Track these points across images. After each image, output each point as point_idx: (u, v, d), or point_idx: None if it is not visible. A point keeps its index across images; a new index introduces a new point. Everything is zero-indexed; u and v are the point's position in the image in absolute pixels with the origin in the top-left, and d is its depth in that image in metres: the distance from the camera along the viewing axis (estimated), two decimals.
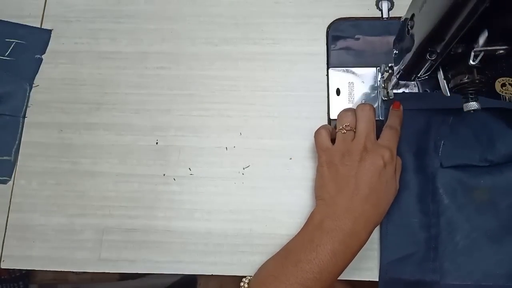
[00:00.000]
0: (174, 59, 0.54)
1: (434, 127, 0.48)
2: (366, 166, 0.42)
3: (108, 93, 0.53)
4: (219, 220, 0.48)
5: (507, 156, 0.46)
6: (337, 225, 0.40)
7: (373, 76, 0.52)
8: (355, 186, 0.41)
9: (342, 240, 0.40)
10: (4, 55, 0.54)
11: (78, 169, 0.50)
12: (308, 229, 0.42)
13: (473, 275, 0.44)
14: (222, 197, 0.49)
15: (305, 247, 0.40)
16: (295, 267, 0.39)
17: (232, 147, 0.51)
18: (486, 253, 0.44)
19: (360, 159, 0.42)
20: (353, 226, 0.40)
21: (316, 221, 0.42)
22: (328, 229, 0.40)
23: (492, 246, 0.44)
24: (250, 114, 0.52)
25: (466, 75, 0.37)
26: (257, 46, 0.54)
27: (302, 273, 0.38)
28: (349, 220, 0.40)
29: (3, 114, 0.52)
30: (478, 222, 0.45)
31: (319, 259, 0.39)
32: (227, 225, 0.48)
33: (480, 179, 0.46)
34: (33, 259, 0.48)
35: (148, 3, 0.57)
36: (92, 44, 0.55)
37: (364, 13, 0.54)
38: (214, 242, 0.48)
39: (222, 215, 0.49)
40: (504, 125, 0.47)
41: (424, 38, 0.36)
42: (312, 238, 0.40)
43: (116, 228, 0.48)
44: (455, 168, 0.46)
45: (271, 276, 0.40)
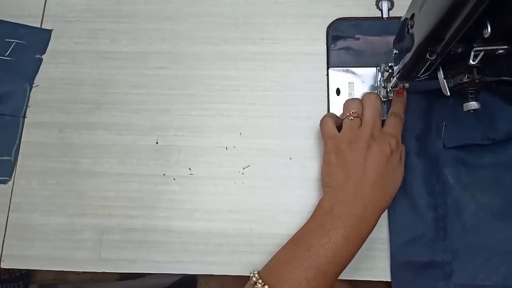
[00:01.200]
0: (174, 59, 0.54)
1: (435, 110, 0.49)
2: (374, 153, 0.42)
3: (108, 93, 0.53)
4: (219, 220, 0.48)
5: (509, 133, 0.46)
6: (347, 210, 0.40)
7: (373, 76, 0.52)
8: (363, 172, 0.42)
9: (353, 225, 0.40)
10: (4, 55, 0.54)
11: (78, 169, 0.50)
12: (318, 216, 0.42)
13: (481, 253, 0.44)
14: (222, 197, 0.49)
15: (316, 233, 0.40)
16: (308, 251, 0.39)
17: (232, 147, 0.51)
18: (493, 231, 0.44)
19: (367, 146, 0.42)
20: (362, 211, 0.40)
21: (325, 208, 0.42)
22: (339, 214, 0.40)
23: (499, 223, 0.45)
24: (250, 114, 0.52)
25: (466, 74, 0.37)
26: (257, 46, 0.54)
27: (316, 257, 0.38)
28: (359, 205, 0.40)
29: (3, 114, 0.52)
30: (483, 201, 0.45)
31: (332, 243, 0.39)
32: (227, 225, 0.48)
33: (484, 157, 0.46)
34: (33, 259, 0.48)
35: (148, 3, 0.57)
36: (92, 44, 0.55)
37: (364, 13, 0.54)
38: (214, 242, 0.48)
39: (222, 215, 0.49)
40: (503, 103, 0.47)
41: (424, 38, 0.36)
42: (324, 224, 0.40)
43: (116, 228, 0.48)
44: (458, 148, 0.47)
45: (283, 263, 0.40)
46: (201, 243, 0.48)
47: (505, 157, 0.46)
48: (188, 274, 0.47)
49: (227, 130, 0.51)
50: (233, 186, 0.49)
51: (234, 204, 0.49)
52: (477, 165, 0.46)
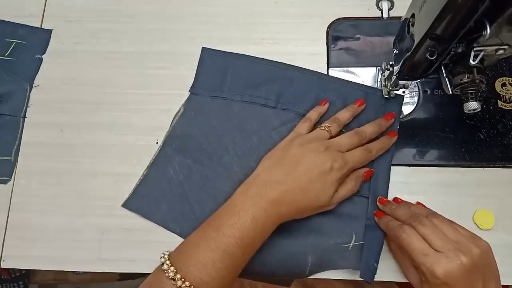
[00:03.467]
0: (174, 59, 0.54)
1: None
2: (315, 159, 0.42)
3: (108, 93, 0.53)
4: None
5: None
6: (262, 192, 0.41)
7: (373, 76, 0.52)
8: (295, 165, 0.42)
9: (263, 207, 0.40)
10: (4, 55, 0.54)
11: (78, 169, 0.50)
12: (235, 195, 0.43)
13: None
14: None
15: (227, 212, 0.41)
16: (217, 232, 0.39)
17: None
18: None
19: (316, 151, 0.43)
20: (277, 196, 0.41)
21: (242, 188, 0.43)
22: (252, 194, 0.41)
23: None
24: None
25: (466, 75, 0.37)
26: (257, 46, 0.54)
27: (224, 237, 0.39)
28: (275, 191, 0.41)
29: (3, 114, 0.52)
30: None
31: (240, 223, 0.39)
32: None
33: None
34: (33, 258, 0.48)
35: (148, 3, 0.57)
36: (92, 44, 0.55)
37: (364, 13, 0.54)
38: None
39: None
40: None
41: (424, 38, 0.36)
42: (236, 203, 0.41)
43: (116, 228, 0.48)
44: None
45: (192, 243, 0.40)
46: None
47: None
48: None
49: None
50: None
51: None
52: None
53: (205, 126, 0.50)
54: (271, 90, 0.51)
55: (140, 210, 0.48)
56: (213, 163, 0.49)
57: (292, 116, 0.50)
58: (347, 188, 0.45)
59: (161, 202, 0.48)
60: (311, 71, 0.52)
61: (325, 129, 0.46)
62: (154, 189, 0.49)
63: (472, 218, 0.46)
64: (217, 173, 0.49)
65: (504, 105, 0.50)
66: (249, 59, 0.53)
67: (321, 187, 0.42)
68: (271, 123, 0.50)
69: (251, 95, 0.51)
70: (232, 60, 0.53)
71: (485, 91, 0.50)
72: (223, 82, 0.52)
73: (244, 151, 0.49)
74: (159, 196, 0.48)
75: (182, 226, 0.47)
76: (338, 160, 0.43)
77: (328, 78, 0.52)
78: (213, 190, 0.48)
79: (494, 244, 0.45)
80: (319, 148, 0.43)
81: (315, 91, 0.51)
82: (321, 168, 0.42)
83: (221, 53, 0.53)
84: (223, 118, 0.50)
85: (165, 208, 0.48)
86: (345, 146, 0.45)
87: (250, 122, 0.50)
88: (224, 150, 0.49)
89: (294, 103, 0.50)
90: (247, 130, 0.50)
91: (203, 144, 0.50)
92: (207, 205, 0.47)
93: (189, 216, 0.48)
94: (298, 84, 0.51)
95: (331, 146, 0.44)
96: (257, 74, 0.52)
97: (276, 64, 0.52)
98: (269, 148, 0.47)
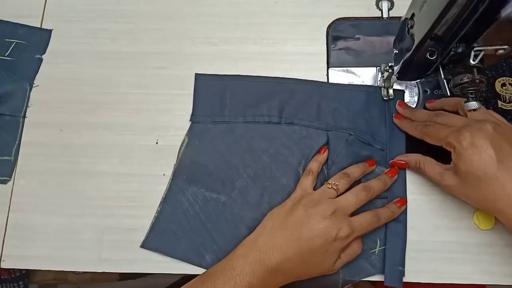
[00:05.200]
0: (174, 59, 0.54)
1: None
2: (320, 226, 0.40)
3: (108, 93, 0.53)
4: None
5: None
6: (262, 258, 0.40)
7: (373, 76, 0.52)
8: (298, 232, 0.41)
9: (261, 276, 0.39)
10: (4, 55, 0.54)
11: (78, 169, 0.50)
12: (233, 256, 0.41)
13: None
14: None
15: (224, 275, 0.39)
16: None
17: None
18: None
19: (321, 216, 0.41)
20: (277, 264, 0.40)
21: (242, 251, 0.41)
22: (252, 260, 0.40)
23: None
24: None
25: (466, 74, 0.37)
26: (257, 46, 0.54)
27: None
28: (275, 258, 0.40)
29: (3, 114, 0.52)
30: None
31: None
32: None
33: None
34: (33, 258, 0.48)
35: (148, 3, 0.57)
36: (92, 44, 0.55)
37: (364, 13, 0.54)
38: None
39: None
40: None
41: (424, 38, 0.36)
42: (234, 266, 0.40)
43: (116, 228, 0.48)
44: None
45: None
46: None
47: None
48: (188, 274, 0.47)
49: None
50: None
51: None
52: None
53: (212, 153, 0.49)
54: (273, 106, 0.50)
55: (161, 248, 0.47)
56: (227, 189, 0.48)
57: (297, 129, 0.49)
58: (350, 253, 0.43)
59: (181, 237, 0.47)
60: (308, 81, 0.51)
61: (332, 187, 0.44)
62: (171, 225, 0.48)
63: (472, 218, 0.46)
64: (233, 199, 0.48)
65: (504, 105, 0.50)
66: (245, 78, 0.52)
67: (322, 258, 0.41)
68: (278, 139, 0.49)
69: (253, 114, 0.50)
70: (228, 83, 0.52)
71: (485, 91, 0.50)
72: (223, 106, 0.51)
73: (256, 172, 0.48)
74: (178, 230, 0.47)
75: (206, 259, 0.46)
76: (344, 228, 0.41)
77: (326, 86, 0.51)
78: (232, 216, 0.47)
79: (494, 244, 0.46)
80: (325, 212, 0.41)
81: (316, 99, 0.50)
82: (325, 237, 0.40)
83: (215, 77, 0.52)
84: (229, 142, 0.50)
85: (186, 243, 0.47)
86: (352, 206, 0.43)
87: (257, 141, 0.49)
88: (236, 174, 0.49)
89: (297, 115, 0.50)
90: (255, 150, 0.49)
91: (214, 172, 0.49)
92: (228, 233, 0.47)
93: (212, 247, 0.47)
94: (297, 95, 0.51)
95: (337, 209, 0.42)
96: (255, 92, 0.51)
97: (273, 80, 0.52)
98: (280, 166, 0.48)
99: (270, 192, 0.48)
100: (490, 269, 0.45)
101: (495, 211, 0.40)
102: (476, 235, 0.46)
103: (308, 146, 0.49)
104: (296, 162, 0.48)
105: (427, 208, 0.47)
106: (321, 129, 0.49)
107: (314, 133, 0.49)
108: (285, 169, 0.48)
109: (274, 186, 0.48)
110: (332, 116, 0.50)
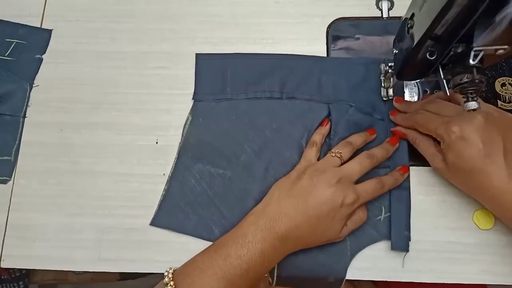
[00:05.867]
0: (174, 59, 0.54)
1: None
2: (326, 193, 0.41)
3: (108, 93, 0.53)
4: None
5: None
6: (272, 225, 0.40)
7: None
8: (305, 200, 0.41)
9: (272, 243, 0.40)
10: (4, 55, 0.54)
11: (78, 168, 0.50)
12: (244, 224, 0.42)
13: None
14: None
15: (237, 242, 0.40)
16: (224, 261, 0.39)
17: None
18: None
19: (327, 184, 0.41)
20: (286, 232, 0.40)
21: (252, 218, 0.42)
22: (263, 227, 0.40)
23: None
24: None
25: (466, 74, 0.37)
26: (257, 46, 0.54)
27: (230, 268, 0.38)
28: (284, 225, 0.40)
29: (3, 114, 0.52)
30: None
31: (248, 256, 0.39)
32: None
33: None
34: (33, 258, 0.48)
35: (148, 3, 0.57)
36: (92, 43, 0.55)
37: (364, 13, 0.54)
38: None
39: None
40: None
41: (424, 38, 0.36)
42: (246, 233, 0.40)
43: (116, 228, 0.48)
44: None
45: (198, 268, 0.39)
46: (201, 242, 0.48)
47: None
48: None
49: None
50: None
51: None
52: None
53: (216, 130, 0.50)
54: (274, 82, 0.51)
55: (170, 225, 0.48)
56: (233, 164, 0.49)
57: (299, 103, 0.50)
58: (356, 220, 0.44)
59: (189, 213, 0.48)
60: (308, 56, 0.52)
61: (336, 155, 0.44)
62: (179, 202, 0.48)
63: (472, 218, 0.46)
64: (238, 173, 0.49)
65: (504, 105, 0.50)
66: (245, 56, 0.53)
67: (330, 224, 0.42)
68: (280, 114, 0.50)
69: (255, 90, 0.51)
70: (228, 61, 0.53)
71: (485, 91, 0.50)
72: (224, 84, 0.52)
73: (260, 147, 0.49)
74: (186, 207, 0.48)
75: (215, 233, 0.47)
76: (350, 194, 0.41)
77: (326, 60, 0.52)
78: (238, 191, 0.48)
79: (493, 244, 0.46)
80: (331, 180, 0.42)
81: (316, 74, 0.51)
82: (332, 204, 0.41)
83: (216, 56, 0.53)
84: (232, 118, 0.50)
85: (195, 218, 0.48)
86: (357, 173, 0.43)
87: (260, 117, 0.50)
88: (240, 150, 0.49)
89: (298, 90, 0.51)
90: (258, 126, 0.50)
91: (219, 148, 0.49)
92: (235, 207, 0.47)
93: (220, 221, 0.47)
94: (298, 71, 0.52)
95: (342, 177, 0.42)
96: (256, 69, 0.52)
97: (273, 56, 0.53)
98: (283, 140, 0.49)
99: (274, 165, 0.48)
100: (490, 269, 0.45)
101: (482, 200, 0.42)
102: (476, 235, 0.46)
103: (310, 119, 0.50)
104: (299, 135, 0.49)
105: (427, 208, 0.47)
106: (322, 102, 0.50)
107: (315, 106, 0.50)
108: (289, 143, 0.49)
109: (279, 160, 0.49)
110: (333, 89, 0.51)
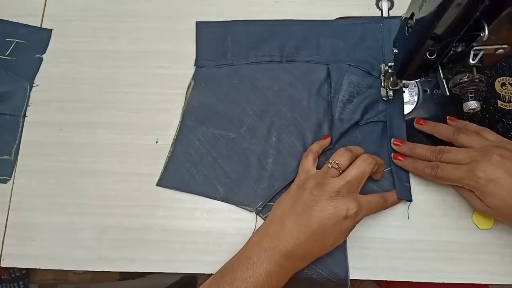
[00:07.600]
0: (174, 58, 0.54)
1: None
2: (329, 206, 0.41)
3: (108, 92, 0.53)
4: (219, 219, 0.48)
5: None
6: (276, 245, 0.40)
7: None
8: (308, 217, 0.41)
9: (278, 261, 0.39)
10: (4, 55, 0.54)
11: (78, 168, 0.50)
12: (247, 246, 0.42)
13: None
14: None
15: (242, 265, 0.40)
16: (231, 286, 0.39)
17: None
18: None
19: (328, 197, 0.41)
20: (291, 249, 0.40)
21: (255, 239, 0.42)
22: (266, 247, 0.40)
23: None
24: None
25: (466, 74, 0.37)
26: None
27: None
28: (289, 244, 0.40)
29: (3, 114, 0.52)
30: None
31: (255, 278, 0.39)
32: (227, 224, 0.48)
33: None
34: (33, 257, 0.48)
35: (148, 2, 0.57)
36: (92, 43, 0.55)
37: (364, 12, 0.54)
38: (214, 241, 0.48)
39: (222, 214, 0.48)
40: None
41: (424, 37, 0.36)
42: (250, 255, 0.40)
43: (116, 227, 0.48)
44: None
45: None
46: (201, 242, 0.48)
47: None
48: (188, 274, 0.47)
49: None
50: None
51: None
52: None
53: (219, 93, 0.52)
54: (273, 46, 0.53)
55: (176, 185, 0.49)
56: (235, 126, 0.50)
57: (298, 65, 0.52)
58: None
59: (194, 173, 0.49)
60: (306, 21, 0.54)
61: (333, 167, 0.43)
62: (184, 163, 0.50)
63: (471, 218, 0.46)
64: (241, 135, 0.50)
65: (504, 104, 0.50)
66: (245, 22, 0.54)
67: (336, 237, 0.41)
68: (281, 77, 0.52)
69: (255, 55, 0.53)
70: (228, 27, 0.54)
71: (485, 91, 0.50)
72: (225, 50, 0.53)
73: (262, 109, 0.51)
74: (191, 168, 0.49)
75: (220, 191, 0.49)
76: (352, 204, 0.41)
77: (324, 23, 0.54)
78: (242, 151, 0.50)
79: (493, 244, 0.46)
80: (331, 193, 0.41)
81: (315, 37, 0.53)
82: (336, 218, 0.41)
83: (215, 23, 0.55)
84: (234, 83, 0.52)
85: (200, 178, 0.49)
86: (356, 180, 0.43)
87: (261, 80, 0.52)
88: (242, 112, 0.51)
89: (297, 53, 0.52)
90: (260, 89, 0.51)
91: (222, 111, 0.51)
92: (239, 166, 0.49)
93: (225, 180, 0.49)
94: (296, 35, 0.53)
95: (342, 187, 0.42)
96: (255, 34, 0.54)
97: (272, 22, 0.54)
98: (284, 101, 0.50)
99: (277, 126, 0.50)
100: (489, 269, 0.45)
101: None
102: (475, 235, 0.46)
103: (310, 80, 0.51)
104: (299, 96, 0.51)
105: (427, 208, 0.47)
106: (321, 63, 0.52)
107: (315, 67, 0.52)
108: (289, 104, 0.51)
109: (281, 120, 0.50)
110: (331, 50, 0.52)
